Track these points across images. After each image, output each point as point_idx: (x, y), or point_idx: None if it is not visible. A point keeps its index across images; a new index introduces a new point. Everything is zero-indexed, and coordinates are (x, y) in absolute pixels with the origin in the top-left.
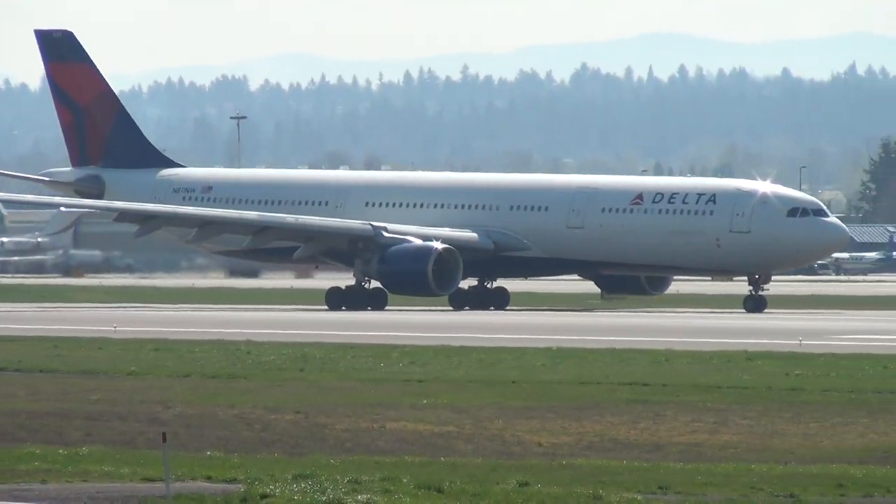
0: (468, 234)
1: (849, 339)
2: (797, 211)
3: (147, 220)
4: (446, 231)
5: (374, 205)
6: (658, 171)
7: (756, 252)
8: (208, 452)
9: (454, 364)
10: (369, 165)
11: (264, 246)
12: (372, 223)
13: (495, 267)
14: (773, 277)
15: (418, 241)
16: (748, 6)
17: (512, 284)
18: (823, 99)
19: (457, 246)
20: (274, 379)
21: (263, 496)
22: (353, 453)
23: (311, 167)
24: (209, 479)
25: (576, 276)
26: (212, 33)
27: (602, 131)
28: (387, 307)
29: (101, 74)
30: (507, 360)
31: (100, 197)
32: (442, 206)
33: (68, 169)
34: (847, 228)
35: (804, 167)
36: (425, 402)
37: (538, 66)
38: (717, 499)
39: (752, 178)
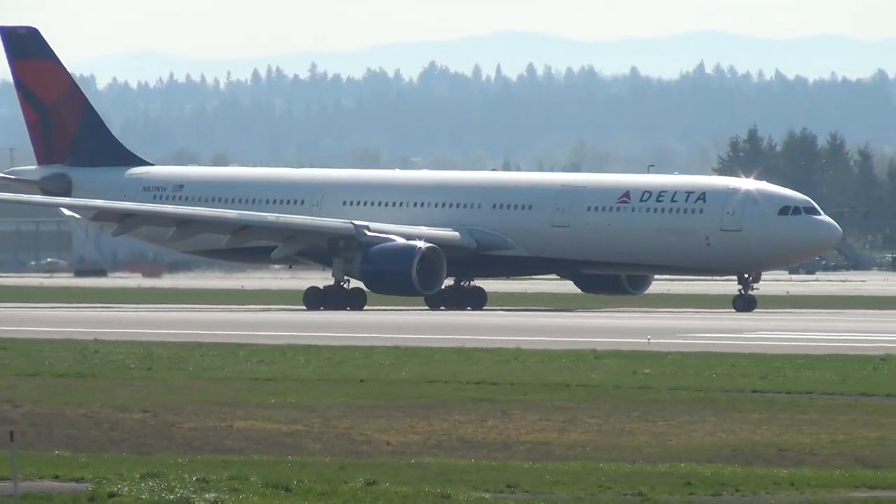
0: (450, 233)
1: (697, 338)
2: (789, 209)
3: (125, 219)
4: (428, 230)
5: (352, 203)
6: (506, 170)
7: (747, 251)
8: (56, 451)
9: (302, 363)
10: (216, 163)
11: (243, 245)
12: (354, 222)
13: (478, 266)
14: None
15: (401, 240)
16: (596, 5)
17: (492, 285)
18: (671, 97)
19: (439, 245)
20: (122, 378)
21: (111, 495)
22: (201, 452)
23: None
24: (57, 478)
25: (555, 276)
26: (59, 31)
27: (450, 130)
28: (365, 307)
29: (67, 72)
30: (356, 358)
31: (66, 196)
32: (422, 204)
33: (33, 167)
34: (839, 227)
35: (652, 165)
36: (273, 400)
37: (386, 65)
38: (566, 497)
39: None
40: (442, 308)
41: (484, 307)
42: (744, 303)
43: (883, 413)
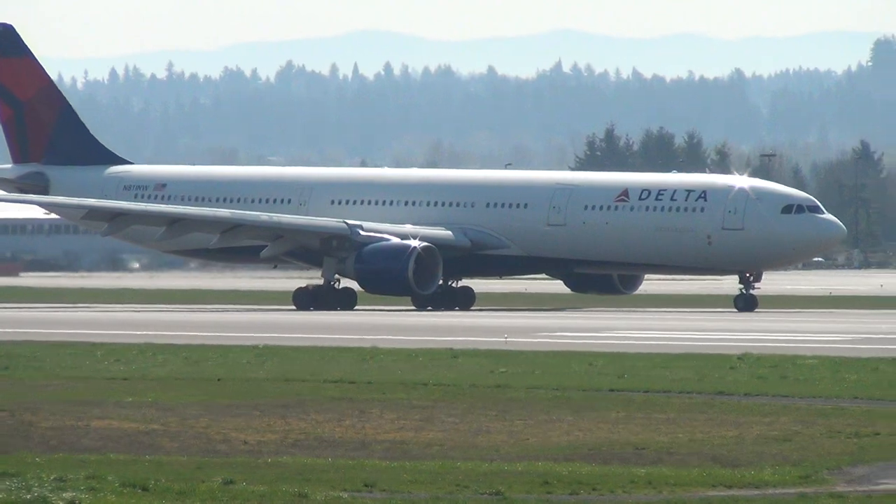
0: (443, 232)
1: (555, 337)
2: (792, 207)
3: (116, 219)
4: (421, 229)
5: (340, 202)
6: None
7: (750, 250)
8: None
9: (159, 362)
10: None
11: (232, 245)
12: (347, 221)
13: (471, 266)
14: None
15: (396, 240)
16: (454, 5)
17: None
18: (529, 96)
19: (432, 244)
20: None
21: None
22: (58, 451)
23: None
24: None
25: (549, 277)
26: None
27: (308, 129)
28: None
29: (43, 69)
30: (213, 357)
31: (43, 194)
32: (413, 203)
33: (9, 166)
34: (843, 225)
35: (509, 164)
36: (130, 399)
37: (243, 64)
38: (423, 496)
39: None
40: (429, 308)
41: (472, 307)
42: (745, 302)
43: (740, 412)
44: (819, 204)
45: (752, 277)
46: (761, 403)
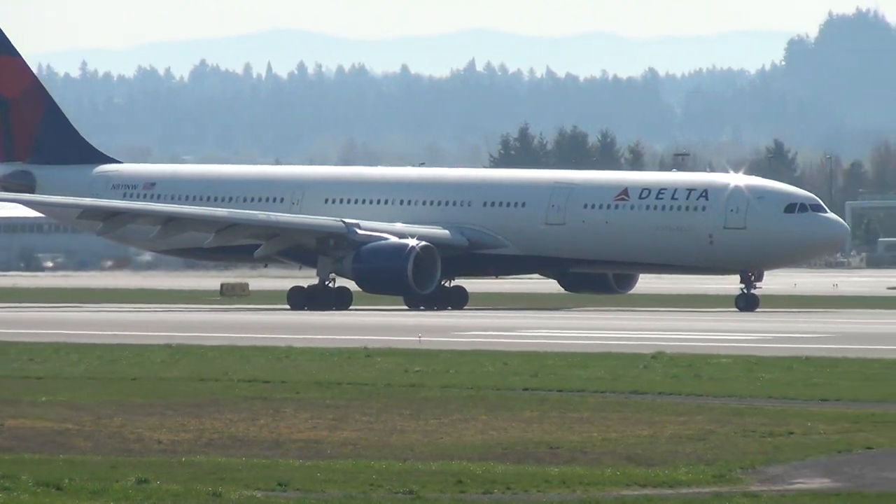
0: (440, 231)
1: (469, 336)
2: (795, 206)
3: (112, 218)
4: (419, 228)
5: (334, 201)
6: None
7: (752, 249)
8: None
9: (74, 361)
10: None
11: (227, 244)
12: (344, 220)
13: (469, 265)
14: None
15: (394, 239)
16: (367, 3)
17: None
18: (442, 95)
19: (430, 243)
20: None
21: None
22: None
23: None
24: None
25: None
26: None
27: (221, 128)
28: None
29: (29, 68)
30: (127, 357)
31: (30, 194)
32: (409, 202)
33: None
34: (846, 225)
35: (423, 163)
36: (44, 399)
37: (157, 63)
38: (337, 496)
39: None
40: (421, 308)
41: (465, 307)
42: (746, 302)
43: (654, 411)
44: (822, 203)
45: (753, 277)
46: (675, 402)
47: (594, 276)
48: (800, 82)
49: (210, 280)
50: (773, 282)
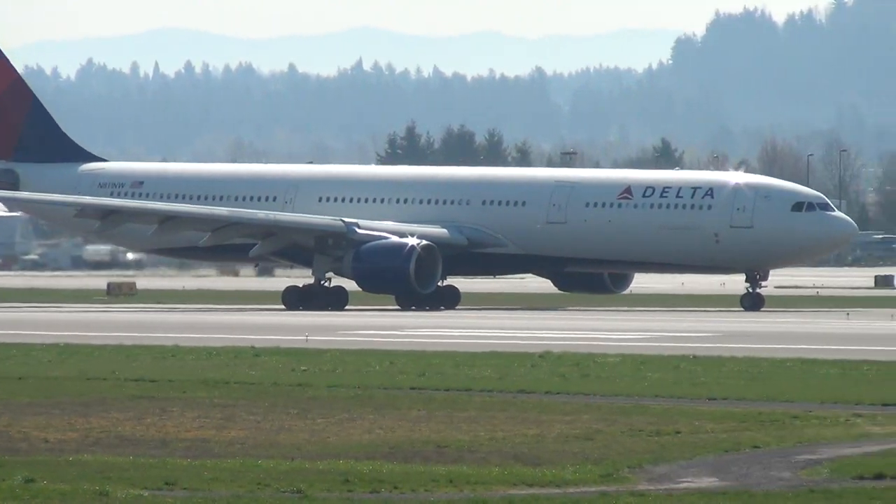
0: (438, 230)
1: (356, 335)
2: (802, 205)
3: (109, 216)
4: (417, 227)
5: (328, 200)
6: None
7: (759, 248)
8: None
9: None
10: None
11: (222, 243)
12: (343, 219)
13: (468, 264)
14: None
15: (395, 238)
16: (254, 2)
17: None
18: (330, 94)
19: (429, 242)
20: None
21: None
22: None
23: None
24: None
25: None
26: None
27: (108, 127)
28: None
29: (11, 65)
30: (14, 356)
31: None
32: (406, 200)
33: None
34: (854, 223)
35: (311, 161)
36: None
37: (43, 62)
38: (224, 495)
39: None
40: (413, 308)
41: (457, 306)
42: (752, 301)
43: (541, 410)
44: (829, 201)
45: (758, 276)
46: (562, 402)
47: (589, 275)
48: (687, 81)
49: (97, 280)
50: (662, 281)
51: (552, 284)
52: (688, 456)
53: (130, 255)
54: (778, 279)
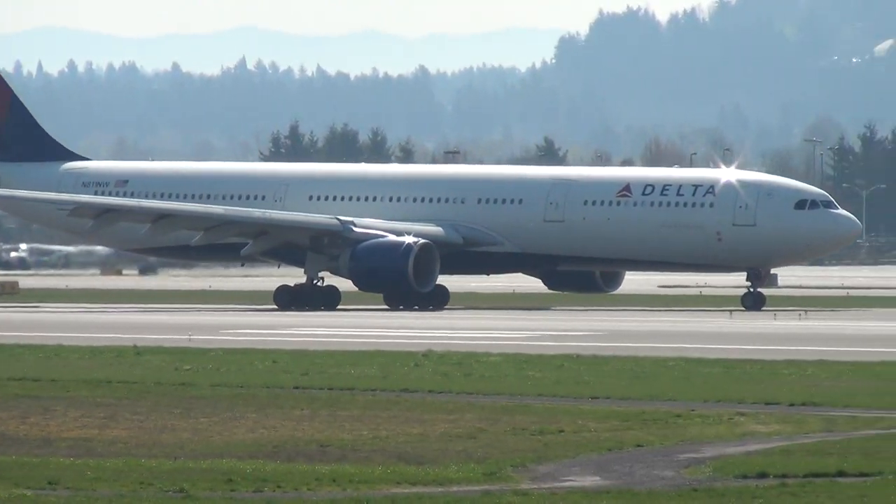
0: (433, 229)
1: (239, 334)
2: (806, 203)
3: (104, 215)
4: (413, 225)
5: (319, 198)
6: None
7: (761, 246)
8: None
9: None
10: None
11: (214, 242)
12: (339, 217)
13: (463, 263)
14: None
15: (392, 236)
16: (138, 1)
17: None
18: (214, 93)
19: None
20: None
21: None
22: None
23: None
24: None
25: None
26: None
27: None
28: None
29: None
30: None
31: None
32: (399, 199)
33: None
34: (858, 221)
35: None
36: None
37: None
38: (107, 494)
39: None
40: (401, 308)
41: (445, 306)
42: (753, 300)
43: (424, 409)
44: (832, 199)
45: (762, 274)
46: (445, 401)
47: (580, 274)
48: (570, 80)
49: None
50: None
51: (542, 284)
52: (571, 455)
53: (14, 254)
54: (659, 279)
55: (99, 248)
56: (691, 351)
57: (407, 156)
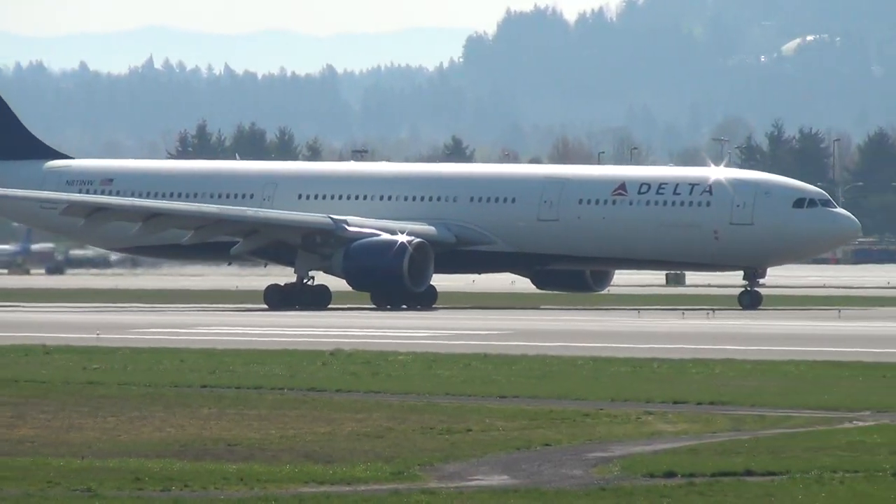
0: (426, 228)
1: (148, 333)
2: (804, 201)
3: (96, 213)
4: (406, 224)
5: (308, 197)
6: None
7: (759, 245)
8: None
9: None
10: None
11: (205, 241)
12: (332, 216)
13: (455, 262)
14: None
15: (386, 235)
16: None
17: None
18: (121, 92)
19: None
20: None
21: None
22: None
23: None
24: None
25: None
26: None
27: None
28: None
29: None
30: None
31: None
32: (390, 197)
33: None
34: (857, 220)
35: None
36: None
37: None
38: (14, 494)
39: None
40: (388, 307)
41: (433, 305)
42: (750, 299)
43: (332, 408)
44: (830, 198)
45: (758, 273)
46: (354, 400)
47: (569, 273)
48: (478, 79)
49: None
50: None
51: (531, 283)
52: (479, 454)
53: None
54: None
55: (7, 246)
56: (601, 350)
57: (314, 155)
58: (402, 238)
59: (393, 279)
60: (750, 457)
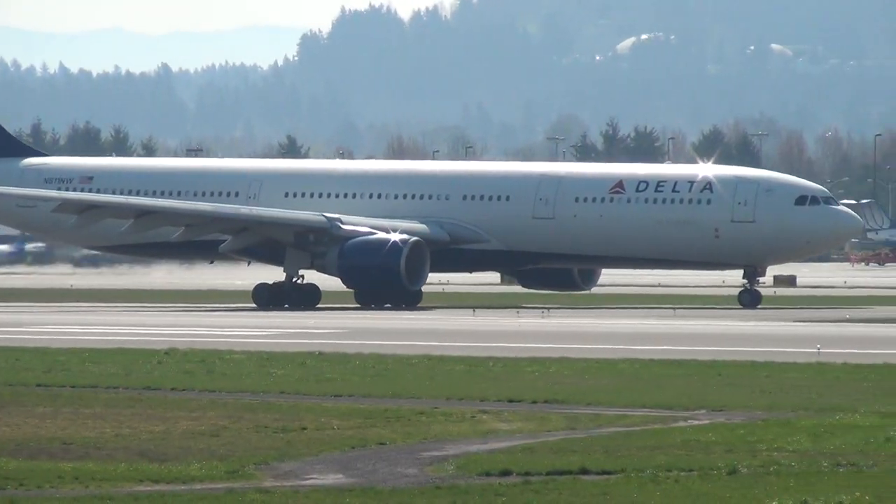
0: (418, 226)
1: None
2: (806, 199)
3: (88, 211)
4: (400, 222)
5: (295, 195)
6: None
7: (761, 243)
8: None
9: None
10: None
11: (193, 239)
12: (325, 214)
13: (449, 261)
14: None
15: (381, 234)
16: None
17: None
18: None
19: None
20: None
21: None
22: None
23: None
24: None
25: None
26: None
27: None
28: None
29: None
30: None
31: None
32: (380, 195)
33: None
34: (859, 218)
35: None
36: None
37: None
38: None
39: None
40: (372, 306)
41: (418, 305)
42: (750, 297)
43: (167, 407)
44: (832, 195)
45: (758, 271)
46: (188, 398)
47: (557, 272)
48: (313, 77)
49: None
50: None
51: (517, 282)
52: (314, 452)
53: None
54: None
55: None
56: (434, 349)
57: (149, 153)
58: (398, 237)
59: (390, 278)
60: (585, 455)
